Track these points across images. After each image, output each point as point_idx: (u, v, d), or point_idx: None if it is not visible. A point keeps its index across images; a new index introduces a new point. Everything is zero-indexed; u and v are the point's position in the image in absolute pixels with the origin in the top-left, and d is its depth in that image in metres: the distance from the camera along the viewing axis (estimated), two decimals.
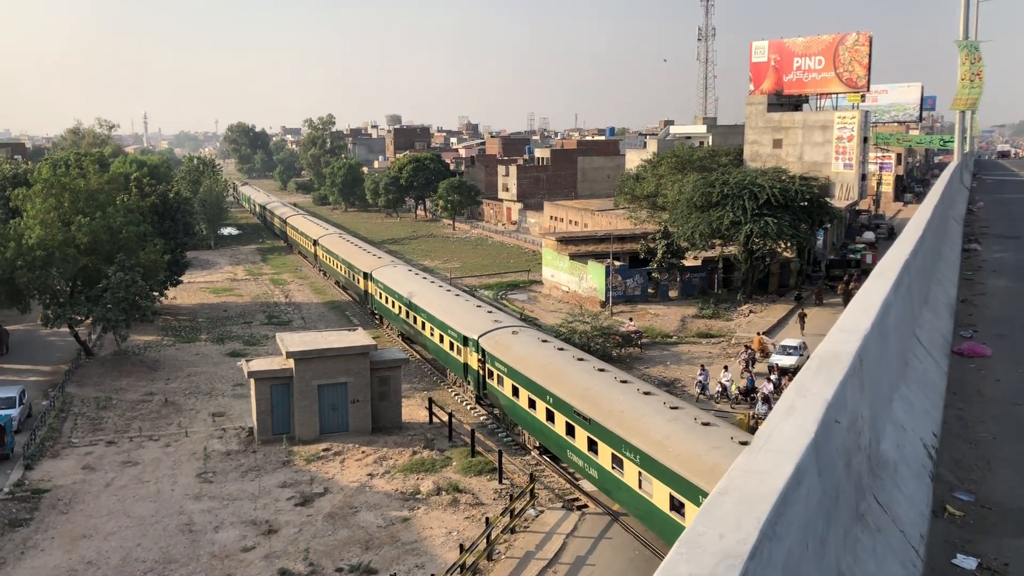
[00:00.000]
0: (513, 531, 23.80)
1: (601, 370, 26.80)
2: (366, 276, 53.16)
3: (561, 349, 30.21)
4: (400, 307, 45.42)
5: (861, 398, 5.21)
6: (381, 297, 49.88)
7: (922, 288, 7.87)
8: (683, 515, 19.86)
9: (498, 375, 31.44)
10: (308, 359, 30.98)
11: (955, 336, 9.22)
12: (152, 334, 49.71)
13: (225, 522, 25.17)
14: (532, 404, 28.43)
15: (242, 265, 78.77)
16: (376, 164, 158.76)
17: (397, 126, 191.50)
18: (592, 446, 24.37)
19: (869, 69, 71.34)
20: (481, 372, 33.58)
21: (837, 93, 74.44)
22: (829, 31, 73.95)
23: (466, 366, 35.24)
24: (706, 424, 21.59)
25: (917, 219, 10.23)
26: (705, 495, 17.91)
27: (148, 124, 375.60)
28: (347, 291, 61.37)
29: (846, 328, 5.48)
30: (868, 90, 74.92)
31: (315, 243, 71.76)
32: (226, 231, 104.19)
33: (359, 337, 33.20)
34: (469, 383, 35.49)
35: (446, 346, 37.49)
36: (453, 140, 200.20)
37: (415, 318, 42.45)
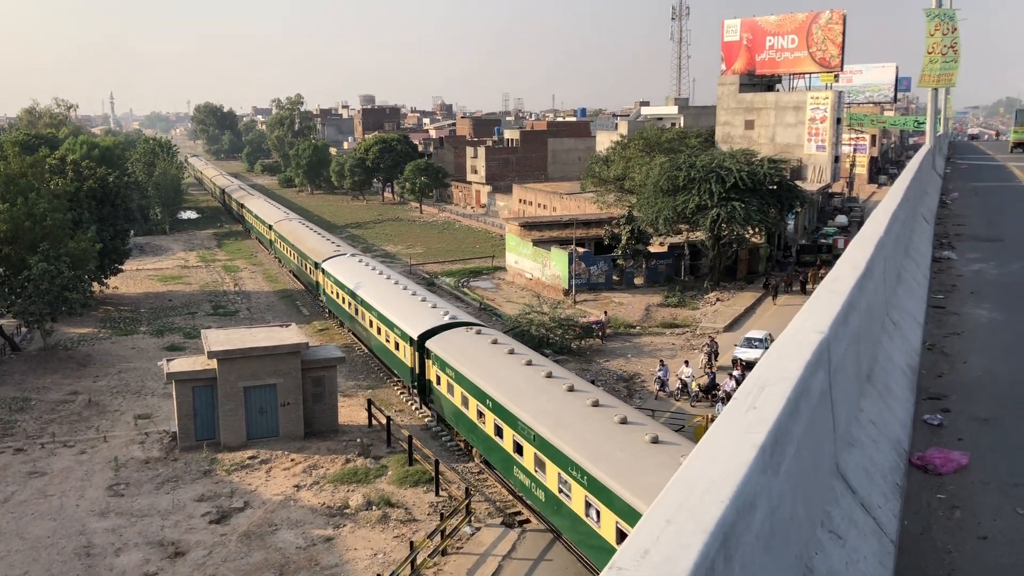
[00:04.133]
0: (444, 553, 21.61)
1: None
2: (415, 344, 31.46)
3: None
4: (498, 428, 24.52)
5: None
6: (447, 388, 28.57)
7: (865, 356, 5.54)
8: None
9: None
10: (232, 359, 28.52)
11: (917, 425, 6.22)
12: (90, 326, 46.97)
13: (129, 543, 22.78)
14: None
15: (196, 251, 75.78)
16: (346, 145, 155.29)
17: (368, 106, 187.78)
18: None
19: (843, 48, 69.28)
20: None
21: (810, 73, 72.36)
22: (803, 9, 71.79)
23: None
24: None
25: (869, 233, 7.38)
26: None
27: (115, 104, 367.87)
28: (380, 359, 37.82)
29: None
30: (842, 70, 72.89)
31: (318, 268, 48.26)
32: (185, 215, 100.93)
33: (290, 334, 30.76)
34: None
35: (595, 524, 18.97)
36: (426, 121, 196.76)
37: (521, 450, 22.67)
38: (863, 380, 5.13)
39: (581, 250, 52.29)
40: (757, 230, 50.50)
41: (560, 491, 20.11)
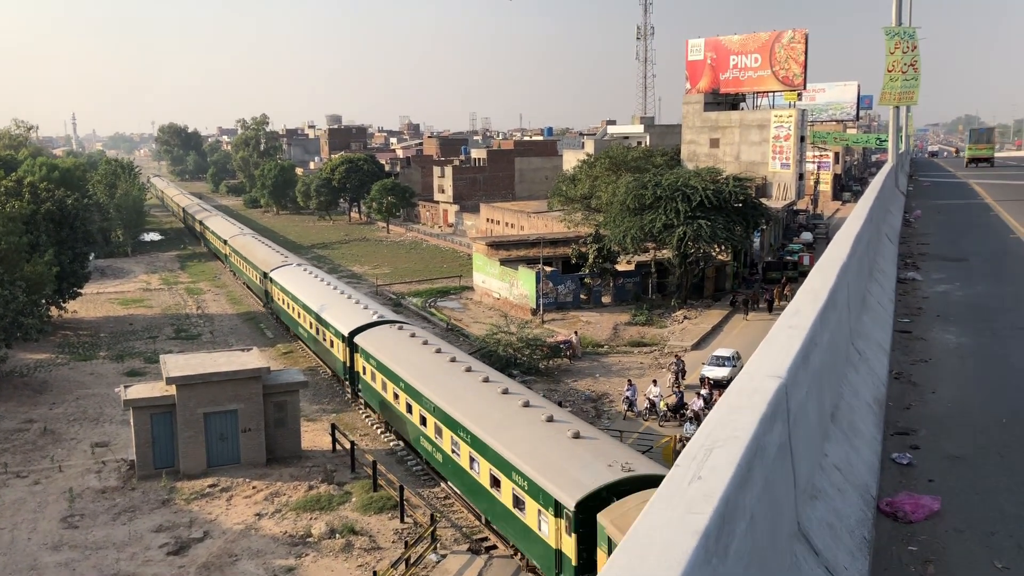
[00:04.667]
0: None
1: None
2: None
3: None
4: None
5: None
6: None
7: (829, 394, 5.08)
8: None
9: None
10: (192, 384, 27.84)
11: (885, 464, 5.67)
12: (47, 351, 45.85)
13: None
14: None
15: (158, 273, 74.56)
16: (312, 165, 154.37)
17: (334, 126, 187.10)
18: None
19: (805, 67, 70.20)
20: None
21: (774, 91, 73.21)
22: (766, 28, 72.71)
23: None
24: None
25: (831, 258, 6.94)
26: None
27: (78, 125, 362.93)
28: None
29: None
30: (805, 88, 73.83)
31: (267, 278, 51.97)
32: (148, 237, 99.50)
33: (251, 359, 30.13)
34: None
35: None
36: (393, 140, 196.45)
37: None
38: (827, 421, 4.81)
39: (548, 269, 52.11)
40: (723, 248, 50.67)
41: (453, 451, 24.42)
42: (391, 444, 31.08)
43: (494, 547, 22.84)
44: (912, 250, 16.18)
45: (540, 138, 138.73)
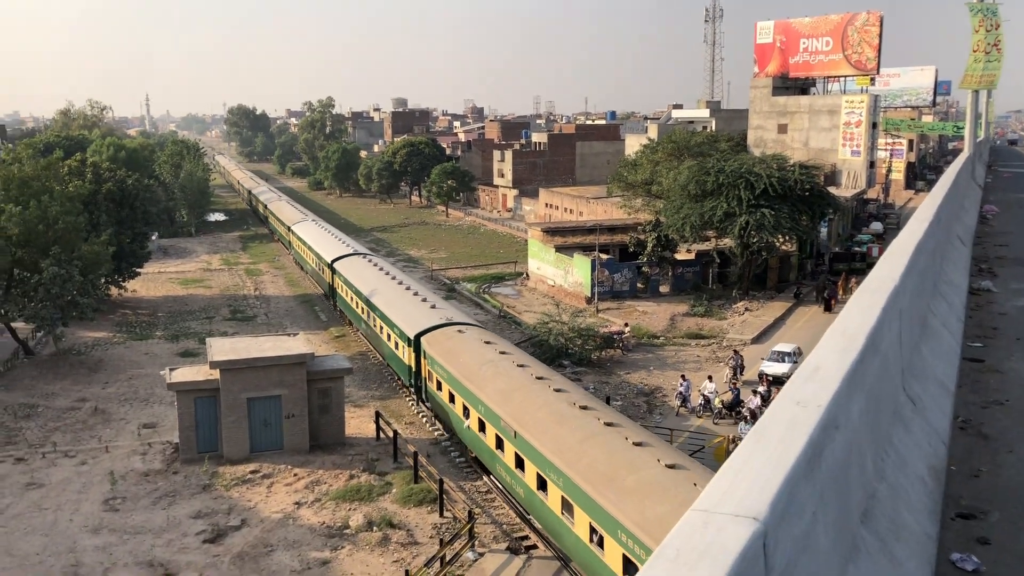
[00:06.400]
0: None
1: None
2: None
3: None
4: None
5: None
6: None
7: (858, 487, 3.58)
8: None
9: None
10: (236, 369, 27.57)
11: (941, 568, 4.07)
12: (105, 330, 46.45)
13: (119, 562, 21.87)
14: None
15: (220, 254, 75.32)
16: (376, 148, 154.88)
17: (399, 110, 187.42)
18: None
19: (879, 51, 67.33)
20: None
21: (845, 76, 70.43)
22: (838, 10, 69.84)
23: None
24: None
25: (881, 279, 5.47)
26: None
27: (151, 106, 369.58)
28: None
29: None
30: (878, 73, 70.93)
31: (291, 231, 68.13)
32: (213, 217, 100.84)
33: (296, 344, 29.76)
34: None
35: None
36: (457, 124, 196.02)
37: None
38: (854, 529, 3.44)
39: (605, 257, 50.93)
40: (788, 238, 48.81)
41: (373, 323, 38.20)
42: (436, 434, 30.49)
43: (534, 547, 22.06)
44: (987, 252, 14.28)
45: (603, 122, 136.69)
